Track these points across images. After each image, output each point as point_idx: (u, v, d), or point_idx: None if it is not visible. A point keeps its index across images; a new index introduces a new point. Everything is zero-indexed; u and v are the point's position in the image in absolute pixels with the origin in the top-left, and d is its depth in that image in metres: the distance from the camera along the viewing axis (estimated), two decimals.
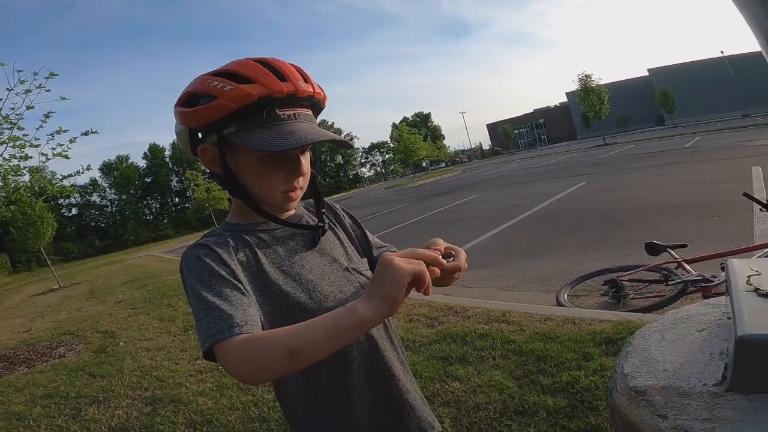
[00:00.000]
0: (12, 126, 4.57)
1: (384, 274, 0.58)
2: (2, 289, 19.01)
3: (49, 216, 13.16)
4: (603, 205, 7.02)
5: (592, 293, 3.39)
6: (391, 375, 0.82)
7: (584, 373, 2.12)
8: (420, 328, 3.26)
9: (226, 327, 0.60)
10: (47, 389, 3.47)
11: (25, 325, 7.01)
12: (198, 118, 0.69)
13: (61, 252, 44.84)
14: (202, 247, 0.71)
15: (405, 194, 21.79)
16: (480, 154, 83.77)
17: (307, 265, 0.77)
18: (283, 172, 0.73)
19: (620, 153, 18.76)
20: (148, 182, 63.71)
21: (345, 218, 0.92)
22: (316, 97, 0.73)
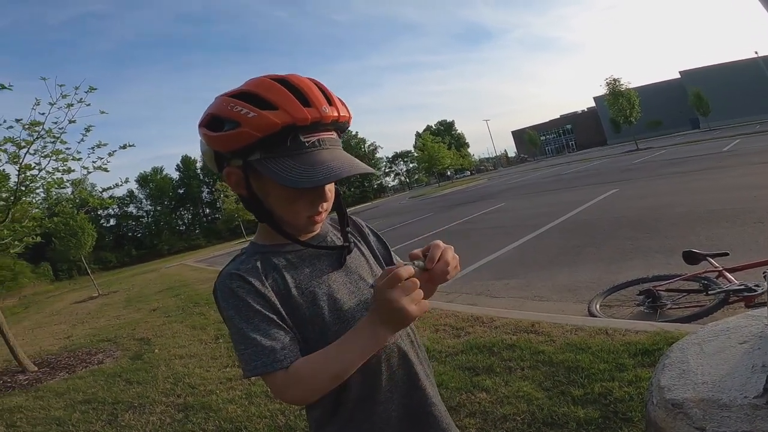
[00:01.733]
0: (55, 140, 4.75)
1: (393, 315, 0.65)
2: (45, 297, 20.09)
3: (90, 226, 13.84)
4: (636, 213, 6.78)
5: (626, 303, 3.27)
6: (417, 387, 0.83)
7: (618, 384, 2.06)
8: (446, 338, 3.23)
9: (269, 362, 0.68)
10: (86, 395, 3.62)
11: (66, 332, 7.36)
12: (223, 144, 0.70)
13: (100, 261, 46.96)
14: (234, 278, 0.73)
15: (430, 203, 21.71)
16: (505, 161, 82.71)
17: (334, 284, 0.79)
18: (308, 199, 0.74)
19: (653, 158, 18.12)
20: (180, 193, 66.06)
21: (370, 236, 0.93)
22: (341, 121, 0.73)
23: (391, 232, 11.37)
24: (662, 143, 29.61)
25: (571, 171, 21.23)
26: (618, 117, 31.84)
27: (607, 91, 31.60)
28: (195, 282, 10.81)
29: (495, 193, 18.37)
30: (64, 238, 13.18)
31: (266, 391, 2.88)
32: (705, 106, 44.10)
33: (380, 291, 0.64)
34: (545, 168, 31.68)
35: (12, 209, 4.77)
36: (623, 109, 30.71)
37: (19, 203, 4.88)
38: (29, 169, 4.72)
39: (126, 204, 62.87)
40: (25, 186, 4.80)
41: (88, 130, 5.00)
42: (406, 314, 0.64)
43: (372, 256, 0.90)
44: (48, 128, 4.62)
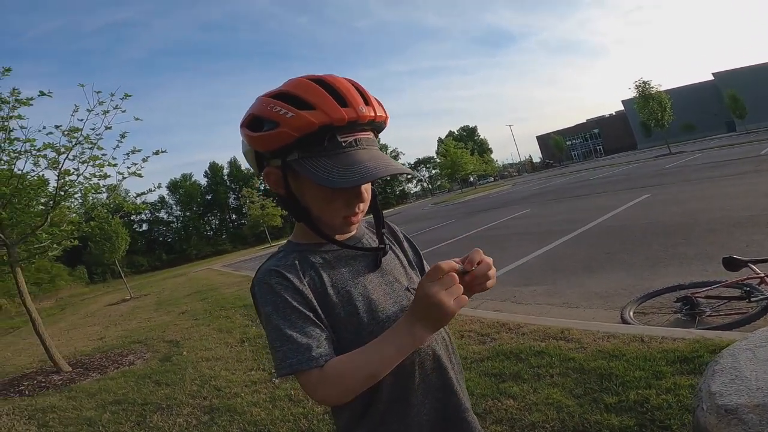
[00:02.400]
0: (93, 146, 4.90)
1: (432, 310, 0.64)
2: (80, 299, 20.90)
3: (123, 231, 14.38)
4: (671, 218, 6.53)
5: (661, 311, 3.15)
6: (451, 392, 0.82)
7: (655, 392, 1.98)
8: (471, 344, 3.19)
9: (304, 359, 0.68)
10: (117, 395, 3.71)
11: (99, 333, 7.62)
12: (262, 144, 0.72)
13: (133, 265, 48.69)
14: (272, 274, 0.74)
15: (453, 209, 21.55)
16: (530, 167, 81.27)
17: (370, 285, 0.79)
18: (345, 199, 0.75)
19: (687, 162, 17.47)
20: (208, 199, 67.89)
21: (404, 241, 0.94)
22: (377, 121, 0.74)
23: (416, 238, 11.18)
24: (696, 147, 28.56)
25: (599, 176, 20.67)
26: (649, 120, 30.85)
27: (637, 94, 30.71)
28: (222, 286, 11.04)
29: (519, 199, 18.06)
30: (99, 242, 13.74)
31: (290, 395, 2.90)
32: (741, 108, 42.32)
33: (420, 286, 0.65)
34: (572, 173, 30.98)
35: (51, 213, 4.94)
36: (654, 112, 29.76)
37: (57, 208, 5.05)
38: (68, 175, 4.87)
39: (158, 209, 65.05)
40: (63, 191, 4.96)
41: (123, 136, 5.13)
42: (444, 309, 0.63)
43: (406, 260, 0.90)
44: (86, 134, 4.77)
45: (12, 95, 4.43)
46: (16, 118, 4.51)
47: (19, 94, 4.46)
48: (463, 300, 0.65)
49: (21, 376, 4.97)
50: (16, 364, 5.94)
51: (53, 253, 5.75)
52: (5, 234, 4.73)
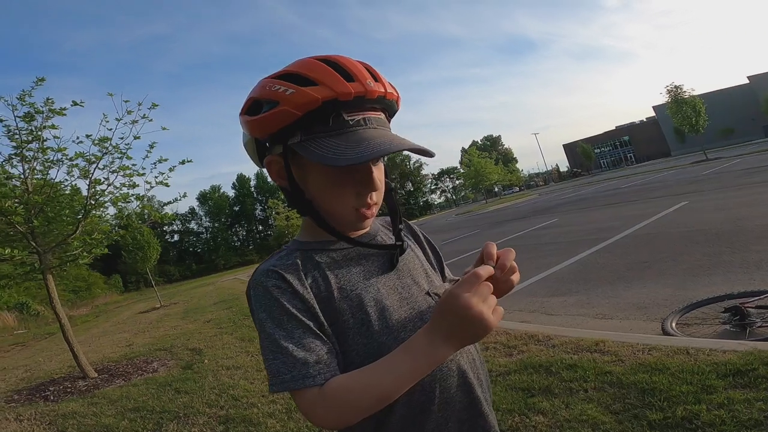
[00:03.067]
0: (122, 155, 4.99)
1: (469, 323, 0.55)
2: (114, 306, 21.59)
3: (155, 241, 14.80)
4: (712, 226, 6.14)
5: (707, 321, 2.92)
6: (478, 413, 0.70)
7: (706, 407, 1.81)
8: (497, 357, 3.03)
9: (299, 377, 0.59)
10: (137, 402, 3.71)
11: (128, 340, 7.75)
12: (262, 128, 0.64)
13: (164, 274, 50.18)
14: (270, 275, 0.65)
15: (478, 220, 21.19)
16: (557, 176, 79.51)
17: (384, 289, 0.69)
18: (355, 187, 0.66)
19: (726, 168, 16.63)
20: (236, 211, 69.52)
21: (424, 242, 0.84)
22: (388, 98, 0.66)
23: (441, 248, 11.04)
24: (734, 153, 27.18)
25: (631, 184, 19.93)
26: (683, 126, 29.61)
27: (669, 99, 29.62)
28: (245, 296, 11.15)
29: (547, 208, 17.58)
30: (132, 251, 14.20)
31: None
32: None
33: (454, 295, 0.55)
34: (601, 182, 30.06)
35: (83, 222, 5.05)
36: (688, 117, 28.57)
37: (89, 216, 5.16)
38: (99, 184, 4.99)
39: (188, 221, 67.12)
40: (94, 200, 5.07)
41: (152, 146, 5.21)
42: (485, 323, 0.54)
43: (427, 261, 0.81)
44: (115, 144, 4.86)
45: (45, 105, 4.53)
46: (49, 128, 4.63)
47: (53, 104, 4.56)
48: (500, 312, 0.56)
49: (49, 382, 5.06)
50: (46, 370, 6.07)
51: (84, 260, 5.87)
52: (37, 242, 4.85)
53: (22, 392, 4.76)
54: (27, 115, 4.46)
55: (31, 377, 5.70)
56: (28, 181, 4.72)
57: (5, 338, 13.18)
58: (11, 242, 4.88)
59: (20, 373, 6.25)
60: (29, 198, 4.60)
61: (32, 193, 4.67)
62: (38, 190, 4.79)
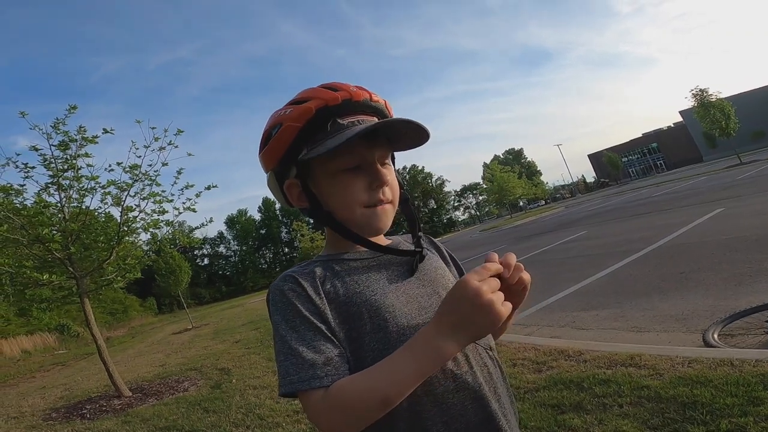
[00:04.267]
0: (152, 182, 5.16)
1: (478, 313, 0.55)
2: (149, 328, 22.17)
3: (186, 265, 15.28)
4: (752, 232, 5.83)
5: (751, 331, 2.76)
6: (493, 430, 0.67)
7: (753, 419, 1.71)
8: (525, 373, 2.94)
9: (306, 378, 0.60)
10: (167, 421, 3.77)
11: (161, 360, 7.94)
12: (275, 152, 0.71)
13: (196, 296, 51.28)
14: (287, 279, 0.68)
15: (503, 235, 20.85)
16: (583, 187, 77.57)
17: (403, 296, 0.69)
18: (363, 183, 0.69)
19: (762, 171, 15.85)
20: (262, 234, 70.84)
21: (448, 257, 0.86)
22: (373, 101, 0.72)
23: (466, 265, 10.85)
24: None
25: (663, 192, 19.22)
26: (712, 130, 28.48)
27: (695, 104, 28.63)
28: None
29: (574, 220, 17.12)
30: (164, 275, 14.71)
31: None
32: None
33: (464, 283, 0.55)
34: (631, 191, 29.14)
35: (116, 248, 5.23)
36: (717, 120, 27.44)
37: (122, 242, 5.34)
38: (131, 211, 5.18)
39: (217, 244, 68.75)
40: (127, 226, 5.26)
41: (180, 172, 5.41)
42: (494, 311, 0.54)
43: (450, 273, 0.80)
44: (144, 170, 5.06)
45: (78, 133, 4.73)
46: (83, 157, 4.83)
47: (85, 131, 4.76)
48: (509, 306, 0.56)
49: (86, 400, 5.21)
50: (84, 388, 6.25)
51: (118, 284, 6.11)
52: (74, 267, 5.05)
53: (60, 410, 4.91)
54: (62, 143, 4.64)
55: (69, 396, 5.88)
56: (64, 209, 4.93)
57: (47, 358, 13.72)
58: (50, 268, 5.09)
59: (59, 391, 6.47)
60: (66, 225, 4.80)
61: (69, 221, 4.87)
62: (74, 217, 5.00)
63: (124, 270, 5.80)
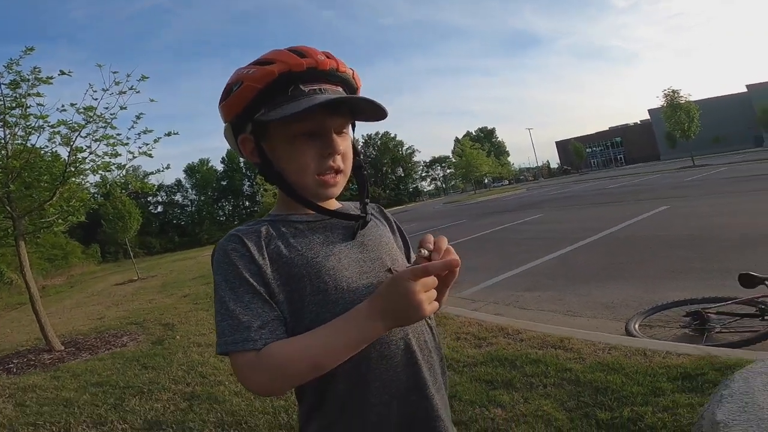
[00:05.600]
0: (106, 125, 4.94)
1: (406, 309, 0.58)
2: (90, 277, 21.17)
3: (136, 211, 14.50)
4: (688, 232, 6.28)
5: (669, 324, 3.01)
6: (423, 397, 0.71)
7: (651, 410, 1.86)
8: (466, 347, 3.08)
9: (240, 339, 0.61)
10: (101, 377, 3.64)
11: (100, 313, 7.57)
12: (232, 107, 0.71)
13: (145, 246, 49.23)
14: (232, 239, 0.69)
15: (465, 210, 21.32)
16: (547, 172, 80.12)
17: (345, 259, 0.71)
18: (316, 150, 0.70)
19: (711, 175, 16.93)
20: (223, 185, 68.65)
21: (396, 231, 0.87)
22: (340, 71, 0.71)
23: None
24: (722, 160, 27.64)
25: (618, 185, 20.20)
26: (674, 130, 29.87)
27: (665, 103, 29.74)
28: None
29: (533, 203, 17.76)
30: (111, 220, 13.90)
31: None
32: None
33: (401, 279, 0.58)
34: (590, 181, 30.41)
35: (60, 189, 4.97)
36: (681, 122, 28.76)
37: (67, 183, 5.08)
38: (80, 152, 4.93)
39: (173, 192, 66.05)
40: (74, 167, 5.00)
41: (139, 117, 5.18)
42: (419, 312, 0.58)
43: (395, 243, 0.82)
44: (100, 113, 4.81)
45: (32, 74, 4.50)
46: (34, 96, 4.59)
47: (40, 72, 4.54)
48: (435, 305, 0.61)
49: (14, 354, 4.94)
50: (12, 341, 5.94)
51: (59, 228, 5.78)
52: (13, 207, 4.76)
53: None
54: (12, 82, 4.44)
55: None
56: (8, 146, 4.68)
57: None
58: None
59: None
60: (8, 163, 4.55)
61: (11, 158, 4.60)
62: (17, 155, 4.70)
63: (67, 212, 5.51)
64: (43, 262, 24.37)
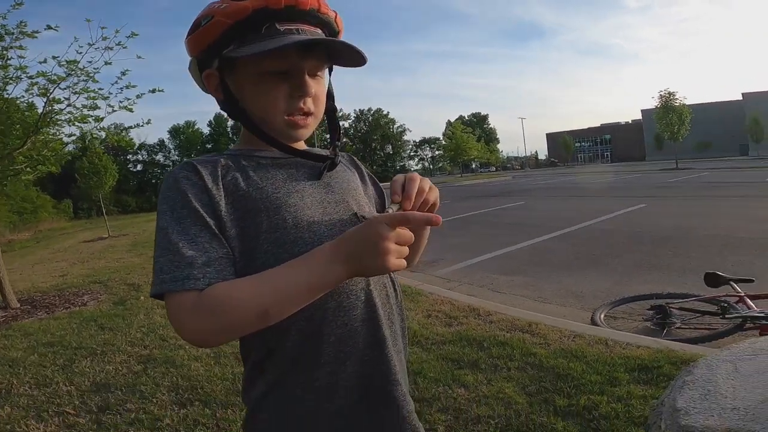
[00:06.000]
0: (88, 78, 4.78)
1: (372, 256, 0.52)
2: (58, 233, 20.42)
3: (113, 167, 13.97)
4: (662, 230, 6.42)
5: (633, 317, 3.07)
6: (380, 357, 0.65)
7: (606, 399, 1.89)
8: (437, 325, 3.09)
9: (181, 277, 0.54)
10: (53, 337, 3.48)
11: (63, 270, 7.23)
12: (199, 42, 0.65)
13: (120, 204, 47.81)
14: (185, 167, 0.63)
15: (450, 192, 21.39)
16: (534, 162, 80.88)
17: (308, 198, 0.65)
18: (286, 90, 0.64)
19: (692, 179, 17.31)
20: (208, 148, 67.12)
21: (367, 177, 0.82)
22: (322, 12, 0.64)
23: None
24: (705, 165, 28.29)
25: (600, 180, 20.55)
26: (664, 132, 30.27)
27: (659, 104, 29.99)
28: None
29: (518, 190, 17.97)
30: (86, 175, 13.36)
31: (237, 352, 2.75)
32: (759, 132, 41.61)
33: (376, 222, 0.53)
34: (574, 174, 30.83)
35: (32, 138, 4.81)
36: (672, 124, 29.12)
37: (40, 132, 4.92)
38: (57, 103, 4.77)
39: (155, 152, 64.38)
40: (49, 118, 4.85)
41: (124, 73, 5.04)
42: (385, 262, 0.52)
43: (365, 194, 0.76)
44: (82, 66, 4.66)
45: (18, 27, 4.35)
46: (16, 48, 4.45)
47: (25, 26, 4.39)
48: (402, 264, 0.55)
49: None
50: None
51: (27, 177, 5.56)
52: None
53: None
54: None
55: None
56: None
57: None
58: None
59: None
60: None
61: None
62: None
63: (37, 161, 5.29)
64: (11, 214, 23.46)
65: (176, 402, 2.24)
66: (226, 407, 2.13)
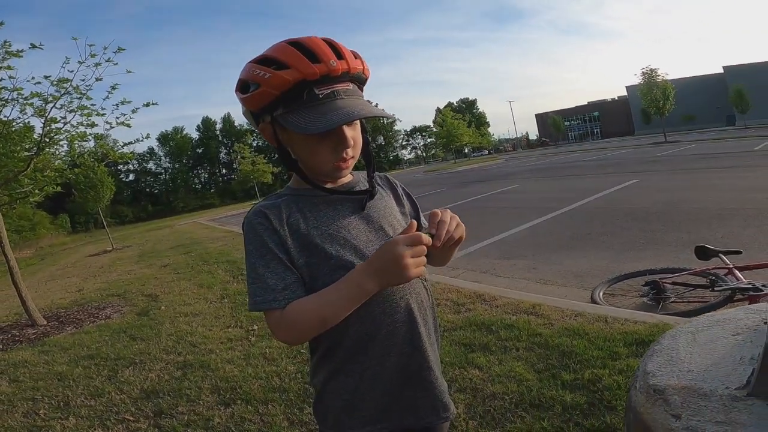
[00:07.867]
0: (81, 96, 4.86)
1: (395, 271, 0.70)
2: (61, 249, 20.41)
3: (109, 180, 13.96)
4: (654, 205, 6.61)
5: (630, 293, 3.24)
6: (417, 349, 0.84)
7: (608, 372, 2.07)
8: (446, 313, 3.25)
9: (268, 299, 0.75)
10: (90, 350, 3.64)
11: (78, 285, 7.39)
12: (251, 104, 0.79)
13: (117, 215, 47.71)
14: (257, 214, 0.80)
15: (445, 179, 21.52)
16: (525, 143, 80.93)
17: (353, 231, 0.82)
18: (330, 145, 0.79)
19: (681, 152, 17.51)
20: (199, 153, 66.64)
21: (403, 197, 0.97)
22: (352, 72, 0.77)
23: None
24: (693, 138, 28.54)
25: (592, 158, 20.71)
26: (650, 107, 30.55)
27: (642, 81, 30.21)
28: (206, 240, 10.94)
29: (511, 173, 18.10)
30: (83, 190, 13.34)
31: (264, 353, 2.95)
32: (744, 103, 41.89)
33: (391, 244, 0.70)
34: (566, 153, 30.96)
35: (34, 160, 4.89)
36: (656, 99, 29.41)
37: (42, 154, 5.01)
38: (54, 122, 4.84)
39: (146, 160, 63.77)
40: (49, 138, 4.93)
41: (114, 88, 5.08)
42: (405, 274, 0.70)
43: (400, 213, 0.92)
44: (75, 85, 4.73)
45: (3, 47, 4.38)
46: (5, 69, 4.49)
47: (10, 46, 4.43)
48: (421, 272, 0.72)
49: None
50: None
51: (35, 198, 5.65)
52: None
53: None
54: None
55: None
56: None
57: None
58: None
59: None
60: None
61: None
62: None
63: (42, 183, 5.40)
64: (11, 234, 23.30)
65: (221, 402, 2.41)
66: (266, 403, 2.30)
